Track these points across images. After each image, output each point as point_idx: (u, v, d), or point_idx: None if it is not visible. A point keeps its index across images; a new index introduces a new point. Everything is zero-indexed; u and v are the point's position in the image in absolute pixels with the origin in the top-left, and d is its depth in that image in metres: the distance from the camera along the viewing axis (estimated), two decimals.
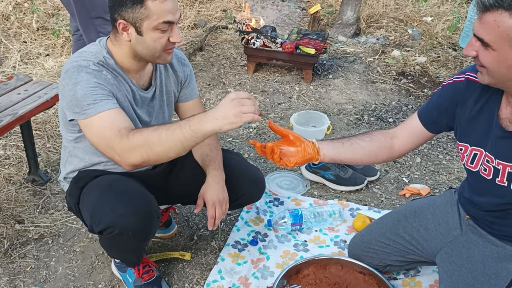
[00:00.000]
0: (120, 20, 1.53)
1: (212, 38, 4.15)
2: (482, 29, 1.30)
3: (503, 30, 1.26)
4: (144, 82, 1.73)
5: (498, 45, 1.29)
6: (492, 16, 1.26)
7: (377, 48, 4.11)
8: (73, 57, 1.60)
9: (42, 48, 3.75)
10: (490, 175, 1.52)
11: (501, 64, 1.32)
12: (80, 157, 1.77)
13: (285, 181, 2.59)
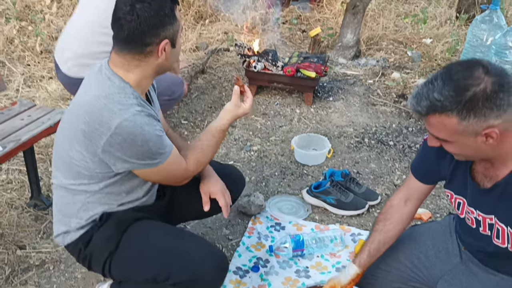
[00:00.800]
0: (162, 41, 1.53)
1: (213, 61, 4.19)
2: (431, 129, 1.33)
3: (449, 128, 1.28)
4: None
5: (453, 138, 1.31)
6: (434, 118, 1.29)
7: (377, 70, 4.15)
8: (109, 104, 1.50)
9: (45, 71, 3.78)
10: (473, 224, 1.55)
11: (466, 149, 1.34)
12: (104, 202, 1.66)
13: (286, 206, 2.59)
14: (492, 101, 1.21)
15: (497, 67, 1.25)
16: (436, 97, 1.25)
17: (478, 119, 1.23)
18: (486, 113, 1.22)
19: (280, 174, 2.86)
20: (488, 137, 1.27)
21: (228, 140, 3.16)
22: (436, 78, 1.26)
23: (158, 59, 1.56)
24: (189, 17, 4.77)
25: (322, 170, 2.89)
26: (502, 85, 1.22)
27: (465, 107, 1.23)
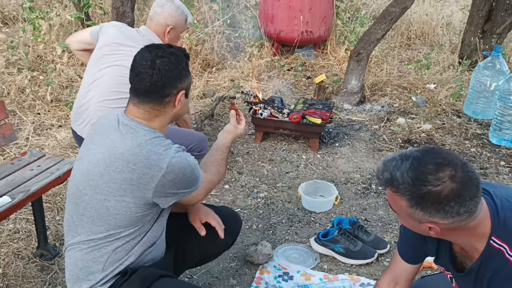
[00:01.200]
0: (179, 92, 1.67)
1: (220, 107, 4.25)
2: (389, 200, 1.37)
3: (399, 206, 1.32)
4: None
5: (401, 215, 1.35)
6: (390, 191, 1.33)
7: (382, 115, 4.18)
8: (153, 149, 1.59)
9: (55, 119, 3.85)
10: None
11: (416, 230, 1.38)
12: (130, 248, 1.66)
13: (294, 254, 2.56)
14: (441, 206, 1.24)
15: (468, 174, 1.24)
16: (397, 177, 1.27)
17: (423, 213, 1.27)
18: (432, 212, 1.26)
19: (287, 222, 2.85)
20: (430, 229, 1.31)
21: (234, 187, 3.17)
22: (408, 158, 1.28)
23: (175, 109, 1.70)
24: (196, 65, 4.88)
25: (330, 217, 2.87)
26: (459, 196, 1.23)
27: (415, 199, 1.26)
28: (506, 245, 1.31)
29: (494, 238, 1.32)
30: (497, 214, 1.32)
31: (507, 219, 1.32)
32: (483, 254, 1.35)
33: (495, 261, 1.33)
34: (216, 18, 5.13)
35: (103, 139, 1.65)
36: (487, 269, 1.36)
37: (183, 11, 2.77)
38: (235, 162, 3.45)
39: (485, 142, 3.76)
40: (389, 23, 4.23)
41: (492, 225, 1.32)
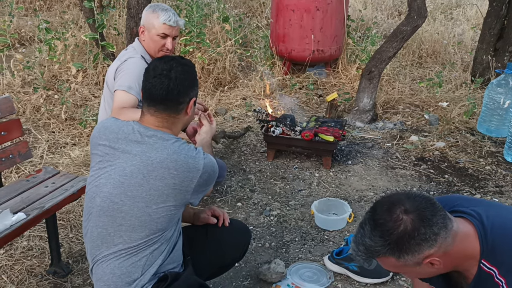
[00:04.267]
0: (191, 100, 1.77)
1: (231, 126, 4.27)
2: (383, 266, 1.41)
3: (392, 265, 1.36)
4: None
5: (402, 271, 1.40)
6: (378, 259, 1.37)
7: (395, 133, 4.17)
8: (188, 153, 1.71)
9: (69, 137, 3.89)
10: None
11: (420, 275, 1.43)
12: (163, 249, 1.73)
13: (307, 273, 2.53)
14: (416, 237, 1.29)
15: (416, 201, 1.31)
16: (368, 243, 1.33)
17: (412, 255, 1.30)
18: (416, 248, 1.29)
19: (300, 240, 2.82)
20: (432, 264, 1.33)
21: (247, 205, 3.16)
22: (366, 223, 1.35)
23: (187, 116, 1.80)
24: (208, 84, 4.92)
25: (344, 235, 2.84)
26: (422, 219, 1.29)
27: (395, 248, 1.30)
28: (495, 269, 1.32)
29: (484, 262, 1.34)
30: (485, 238, 1.34)
31: (495, 242, 1.33)
32: (475, 277, 1.37)
33: (487, 285, 1.34)
34: (228, 38, 5.18)
35: (129, 152, 1.69)
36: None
37: (154, 10, 2.65)
38: (247, 180, 3.44)
39: (500, 160, 3.72)
40: (401, 42, 4.24)
41: (481, 249, 1.34)
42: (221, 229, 2.06)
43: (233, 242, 2.07)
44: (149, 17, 2.68)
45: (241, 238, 2.12)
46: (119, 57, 2.76)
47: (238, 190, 3.32)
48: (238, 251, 2.10)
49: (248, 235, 2.19)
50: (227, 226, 2.07)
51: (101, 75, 4.71)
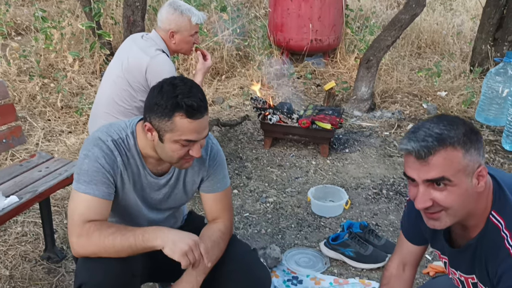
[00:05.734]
0: (147, 123, 1.62)
1: (229, 114, 4.24)
2: (435, 171, 1.26)
3: (456, 163, 1.24)
4: (163, 168, 1.78)
5: (457, 178, 1.26)
6: (441, 155, 1.24)
7: (393, 122, 4.15)
8: (102, 127, 1.71)
9: (65, 125, 3.86)
10: (459, 285, 1.52)
11: (464, 197, 1.29)
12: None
13: (303, 259, 2.52)
14: (478, 136, 1.28)
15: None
16: (439, 132, 1.24)
17: (476, 153, 1.25)
18: (479, 146, 1.26)
19: (296, 226, 2.80)
20: (480, 176, 1.27)
21: (243, 192, 3.14)
22: (425, 125, 1.27)
23: (149, 139, 1.74)
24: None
25: (340, 222, 2.83)
26: (476, 132, 1.29)
27: (466, 138, 1.25)
28: (503, 221, 1.29)
29: (494, 213, 1.31)
30: (499, 190, 1.32)
31: (507, 197, 1.31)
32: (482, 229, 1.33)
33: (492, 237, 1.30)
34: (226, 28, 5.15)
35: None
36: (484, 246, 1.33)
37: (182, 12, 2.63)
38: (243, 168, 3.43)
39: (498, 149, 3.70)
40: (399, 30, 4.21)
41: (493, 199, 1.32)
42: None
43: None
44: (179, 20, 2.64)
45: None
46: (143, 48, 2.63)
47: (234, 177, 3.30)
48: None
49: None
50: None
51: (97, 64, 4.68)
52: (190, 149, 1.62)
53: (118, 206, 1.74)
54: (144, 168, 1.73)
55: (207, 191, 1.87)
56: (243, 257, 1.83)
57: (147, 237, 1.59)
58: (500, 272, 1.27)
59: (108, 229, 1.60)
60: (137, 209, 1.77)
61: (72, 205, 1.63)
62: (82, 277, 1.60)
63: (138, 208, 1.78)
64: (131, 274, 1.63)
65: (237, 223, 2.81)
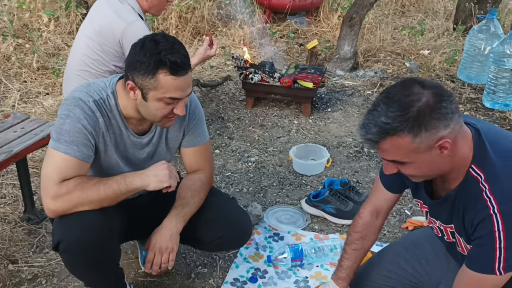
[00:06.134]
0: (129, 81, 1.58)
1: (210, 74, 4.18)
2: (386, 155, 1.31)
3: (404, 148, 1.26)
4: (144, 127, 1.77)
5: (410, 158, 1.28)
6: (387, 143, 1.26)
7: (375, 81, 4.13)
8: (80, 87, 1.66)
9: (42, 87, 3.77)
10: (439, 233, 1.55)
11: (423, 168, 1.32)
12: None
13: (285, 216, 2.54)
14: (437, 111, 1.22)
15: (431, 81, 1.27)
16: (384, 121, 1.23)
17: (429, 133, 1.23)
18: (435, 124, 1.22)
19: (278, 185, 2.81)
20: (442, 148, 1.26)
21: (225, 152, 3.13)
22: (378, 104, 1.26)
23: (131, 98, 1.70)
24: (186, 33, 4.78)
25: (321, 180, 2.84)
26: (442, 95, 1.23)
27: (414, 123, 1.22)
28: (483, 174, 1.30)
29: (474, 166, 1.31)
30: (479, 143, 1.31)
31: (488, 150, 1.31)
32: (462, 182, 1.34)
33: (471, 189, 1.31)
34: None
35: None
36: (463, 197, 1.35)
37: None
38: (225, 128, 3.40)
39: (479, 106, 3.72)
40: None
41: (474, 152, 1.31)
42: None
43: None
44: None
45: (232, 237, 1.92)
46: (118, 12, 2.52)
47: (216, 137, 3.28)
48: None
49: (242, 235, 1.98)
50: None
51: (74, 24, 4.53)
52: (174, 108, 1.61)
53: (99, 168, 1.73)
54: (127, 129, 1.72)
55: (187, 145, 1.88)
56: (223, 205, 1.90)
57: (129, 181, 1.62)
58: (477, 221, 1.29)
59: (89, 181, 1.62)
60: (119, 170, 1.76)
61: (49, 164, 1.60)
62: (59, 234, 1.59)
63: (120, 170, 1.76)
64: (108, 228, 1.63)
65: (219, 182, 2.80)
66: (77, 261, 1.64)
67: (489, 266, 1.29)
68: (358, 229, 1.74)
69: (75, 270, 1.73)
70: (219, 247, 2.01)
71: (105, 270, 1.73)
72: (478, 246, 1.32)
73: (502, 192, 1.26)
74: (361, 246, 1.72)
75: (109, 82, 1.69)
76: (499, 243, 1.25)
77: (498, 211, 1.24)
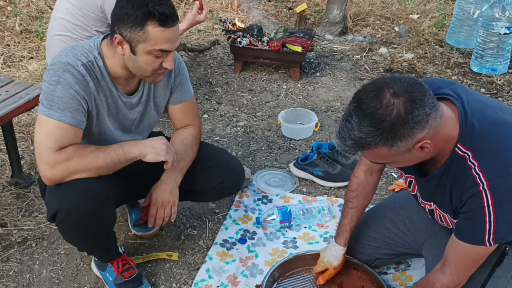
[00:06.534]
0: (117, 35, 1.55)
1: (198, 39, 4.12)
2: (368, 158, 1.37)
3: (382, 155, 1.29)
4: (132, 87, 1.76)
5: (390, 160, 1.33)
6: (366, 153, 1.30)
7: (364, 45, 4.11)
8: (65, 50, 1.61)
9: (26, 51, 3.69)
10: (421, 204, 1.58)
11: (407, 163, 1.37)
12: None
13: (273, 179, 2.56)
14: (410, 121, 1.20)
15: (403, 82, 1.23)
16: (357, 135, 1.24)
17: (405, 141, 1.23)
18: (410, 132, 1.22)
19: (267, 149, 2.83)
20: (423, 147, 1.27)
21: (213, 116, 3.12)
22: (351, 115, 1.24)
23: (119, 53, 1.66)
24: None
25: (309, 143, 2.86)
26: (414, 101, 1.21)
27: (388, 136, 1.22)
28: (470, 152, 1.30)
29: (459, 145, 1.31)
30: (465, 121, 1.31)
31: (475, 127, 1.30)
32: (447, 160, 1.35)
33: (458, 167, 1.32)
34: None
35: None
36: (449, 176, 1.36)
37: None
38: (214, 93, 3.38)
39: (467, 71, 3.73)
40: None
41: (460, 132, 1.31)
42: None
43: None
44: None
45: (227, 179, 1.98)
46: None
47: (204, 102, 3.26)
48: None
49: (237, 177, 2.05)
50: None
51: None
52: (163, 61, 1.60)
53: (90, 134, 1.72)
54: (116, 89, 1.70)
55: (175, 102, 1.90)
56: (216, 153, 1.99)
57: (127, 149, 1.62)
58: (466, 197, 1.31)
59: (87, 148, 1.61)
60: (110, 135, 1.76)
61: (43, 132, 1.57)
62: (56, 204, 1.59)
63: (112, 134, 1.76)
64: (106, 196, 1.63)
65: None
66: (75, 230, 1.65)
67: (479, 238, 1.32)
68: (353, 187, 1.76)
69: (72, 238, 1.74)
70: (218, 194, 2.05)
71: (101, 237, 1.75)
72: (467, 219, 1.34)
73: (490, 168, 1.27)
74: (357, 204, 1.76)
75: (93, 43, 1.66)
76: (488, 217, 1.28)
77: (488, 187, 1.26)
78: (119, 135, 1.77)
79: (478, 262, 1.40)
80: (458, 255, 1.41)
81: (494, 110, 1.37)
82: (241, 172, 2.05)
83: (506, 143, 1.30)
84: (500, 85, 3.50)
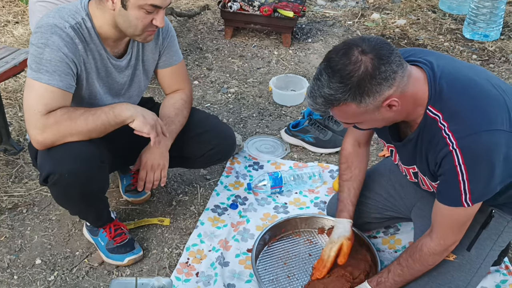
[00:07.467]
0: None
1: (187, 3, 4.04)
2: (338, 118, 1.37)
3: (352, 113, 1.31)
4: (120, 49, 1.73)
5: (359, 119, 1.36)
6: (334, 110, 1.32)
7: (357, 11, 4.05)
8: (52, 12, 1.57)
9: (11, 15, 3.60)
10: (403, 172, 1.60)
11: (376, 123, 1.40)
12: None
13: (264, 145, 2.56)
14: (377, 77, 1.25)
15: (371, 42, 1.27)
16: (327, 92, 1.27)
17: (373, 97, 1.27)
18: (377, 89, 1.26)
19: (258, 116, 2.81)
20: (391, 105, 1.30)
21: (204, 83, 3.09)
22: (322, 74, 1.29)
23: (110, 8, 1.61)
24: None
25: (301, 110, 2.85)
26: (381, 58, 1.25)
27: (356, 92, 1.26)
28: (440, 114, 1.33)
29: (430, 107, 1.34)
30: (434, 83, 1.33)
31: (443, 88, 1.33)
32: (421, 123, 1.37)
33: (431, 129, 1.35)
34: None
35: None
36: (424, 138, 1.39)
37: None
38: (204, 59, 3.34)
39: (459, 37, 3.71)
40: None
41: (429, 94, 1.34)
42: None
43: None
44: None
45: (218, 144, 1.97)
46: None
47: (194, 68, 3.23)
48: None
49: (227, 144, 2.03)
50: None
51: None
52: (153, 18, 1.58)
53: (80, 98, 1.69)
54: (106, 51, 1.68)
55: (164, 66, 1.88)
56: (207, 120, 1.97)
57: (118, 112, 1.59)
58: (439, 159, 1.34)
59: (76, 111, 1.58)
60: (100, 99, 1.73)
61: (32, 96, 1.55)
62: (49, 167, 1.57)
63: (101, 98, 1.74)
64: (99, 159, 1.62)
65: None
66: (68, 193, 1.64)
67: (456, 198, 1.35)
68: (343, 160, 1.79)
69: (64, 201, 1.74)
70: (208, 161, 2.03)
71: (94, 201, 1.75)
72: (443, 181, 1.38)
73: (460, 128, 1.30)
74: (350, 175, 1.77)
75: (80, 4, 1.62)
76: (461, 175, 1.31)
77: (457, 146, 1.29)
78: (108, 99, 1.75)
79: (463, 224, 1.43)
80: (442, 218, 1.44)
81: (463, 72, 1.39)
82: (232, 139, 2.04)
83: (474, 103, 1.32)
84: (491, 52, 3.49)
